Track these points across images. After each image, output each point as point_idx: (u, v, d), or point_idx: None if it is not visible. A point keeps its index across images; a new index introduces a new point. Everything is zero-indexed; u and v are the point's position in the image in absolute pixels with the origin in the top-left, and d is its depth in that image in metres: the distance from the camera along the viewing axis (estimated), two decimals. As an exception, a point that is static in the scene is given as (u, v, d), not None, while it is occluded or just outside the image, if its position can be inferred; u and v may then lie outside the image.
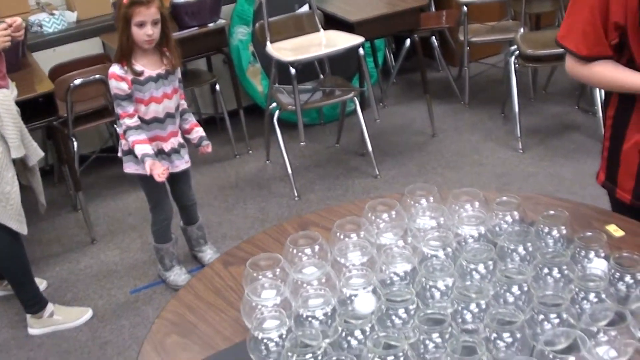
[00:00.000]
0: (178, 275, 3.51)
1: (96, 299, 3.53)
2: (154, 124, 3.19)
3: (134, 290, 3.57)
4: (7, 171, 3.04)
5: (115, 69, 3.10)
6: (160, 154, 3.24)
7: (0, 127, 3.01)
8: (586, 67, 1.98)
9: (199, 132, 3.36)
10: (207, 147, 3.36)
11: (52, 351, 3.21)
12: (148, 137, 3.18)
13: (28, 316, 3.32)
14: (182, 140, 3.31)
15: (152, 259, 3.70)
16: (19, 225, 3.11)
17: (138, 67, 3.10)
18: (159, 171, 3.11)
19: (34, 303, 3.31)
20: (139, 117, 3.16)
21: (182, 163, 3.31)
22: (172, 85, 3.21)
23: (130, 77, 3.09)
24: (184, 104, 3.34)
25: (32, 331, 3.32)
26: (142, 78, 3.12)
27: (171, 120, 3.23)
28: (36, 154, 3.26)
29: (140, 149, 3.14)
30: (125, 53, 3.10)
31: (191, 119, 3.37)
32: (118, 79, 3.09)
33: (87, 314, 3.39)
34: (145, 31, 3.04)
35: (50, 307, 3.34)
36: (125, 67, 3.09)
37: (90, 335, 3.27)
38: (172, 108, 3.22)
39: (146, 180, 3.22)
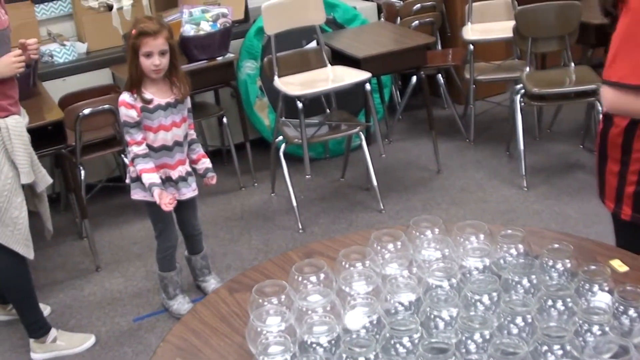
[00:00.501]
0: (181, 304, 3.51)
1: (99, 326, 3.53)
2: (162, 151, 3.22)
3: (137, 319, 3.57)
4: (16, 196, 3.07)
5: (125, 96, 3.15)
6: (167, 181, 3.27)
7: (11, 152, 3.04)
8: None
9: (205, 163, 3.40)
10: (212, 179, 3.40)
11: (54, 377, 3.22)
12: (156, 164, 3.21)
13: (31, 341, 3.32)
14: (189, 169, 3.34)
15: (156, 288, 3.70)
16: (26, 249, 3.14)
17: (147, 95, 3.15)
18: (166, 201, 3.14)
19: (38, 328, 3.31)
20: (148, 145, 3.19)
21: (189, 191, 3.34)
22: (181, 114, 3.24)
23: (139, 105, 3.14)
24: (192, 134, 3.37)
25: (34, 356, 3.32)
26: (151, 106, 3.16)
27: (179, 149, 3.26)
28: (44, 181, 3.28)
29: (147, 178, 3.17)
30: (135, 82, 3.15)
31: (199, 150, 3.40)
32: (128, 106, 3.14)
33: (89, 340, 3.39)
34: (153, 61, 3.09)
35: (53, 332, 3.34)
36: (135, 95, 3.14)
37: (93, 363, 3.28)
38: (180, 137, 3.25)
39: (153, 208, 3.25)
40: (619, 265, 1.85)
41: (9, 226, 3.05)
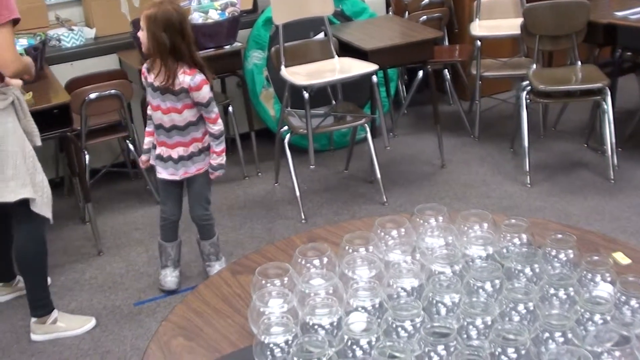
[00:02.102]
0: (165, 276, 3.62)
1: (100, 310, 3.54)
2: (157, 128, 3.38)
3: (138, 303, 3.58)
4: (37, 161, 3.15)
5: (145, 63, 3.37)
6: (168, 160, 3.38)
7: (23, 119, 3.11)
8: None
9: (211, 159, 3.42)
10: (212, 174, 3.45)
11: (53, 358, 3.22)
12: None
13: (32, 321, 3.33)
14: (191, 151, 3.36)
15: (157, 273, 3.71)
16: (50, 213, 3.19)
17: (151, 68, 3.27)
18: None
19: (43, 305, 3.31)
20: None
21: (190, 170, 3.40)
22: (170, 104, 3.27)
23: (146, 74, 3.33)
24: (210, 127, 3.35)
25: (34, 337, 3.33)
26: (148, 80, 3.30)
27: (164, 132, 3.34)
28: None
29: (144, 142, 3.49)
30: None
31: (212, 144, 3.39)
32: (142, 71, 3.37)
33: (90, 323, 3.40)
34: None
35: (54, 313, 3.35)
36: (147, 65, 3.31)
37: (92, 345, 3.28)
38: (165, 122, 3.31)
39: (160, 181, 3.50)
40: (621, 258, 1.85)
41: (38, 192, 3.10)
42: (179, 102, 3.26)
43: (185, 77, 3.22)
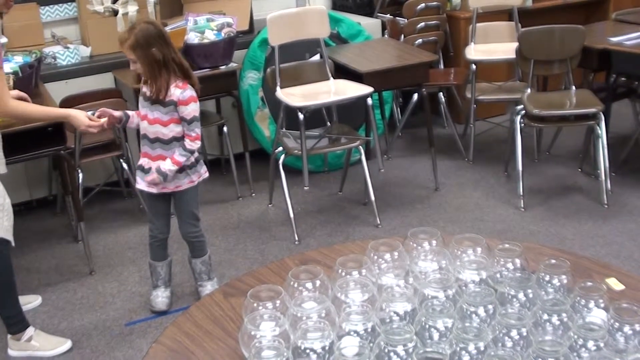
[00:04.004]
0: (156, 297, 3.61)
1: (91, 329, 3.51)
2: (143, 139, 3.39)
3: (129, 323, 3.55)
4: (1, 184, 3.11)
5: None
6: (148, 171, 3.38)
7: None
8: None
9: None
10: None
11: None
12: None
13: (8, 337, 3.29)
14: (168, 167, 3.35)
15: (149, 293, 3.69)
16: (11, 236, 3.14)
17: (148, 83, 3.28)
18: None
19: (16, 322, 3.27)
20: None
21: (169, 186, 3.38)
22: (158, 114, 3.28)
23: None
24: (187, 143, 3.32)
25: (10, 352, 3.29)
26: (142, 89, 3.32)
27: (147, 143, 3.35)
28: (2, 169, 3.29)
29: None
30: None
31: (176, 152, 3.32)
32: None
33: (64, 345, 3.34)
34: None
35: (30, 331, 3.30)
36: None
37: (82, 365, 3.26)
38: (150, 132, 3.32)
39: (143, 195, 3.54)
40: (615, 284, 1.85)
41: None
42: (167, 114, 3.28)
43: (176, 90, 3.25)
